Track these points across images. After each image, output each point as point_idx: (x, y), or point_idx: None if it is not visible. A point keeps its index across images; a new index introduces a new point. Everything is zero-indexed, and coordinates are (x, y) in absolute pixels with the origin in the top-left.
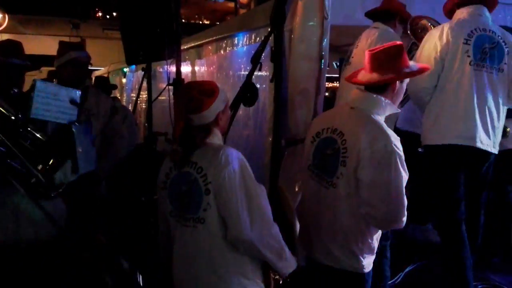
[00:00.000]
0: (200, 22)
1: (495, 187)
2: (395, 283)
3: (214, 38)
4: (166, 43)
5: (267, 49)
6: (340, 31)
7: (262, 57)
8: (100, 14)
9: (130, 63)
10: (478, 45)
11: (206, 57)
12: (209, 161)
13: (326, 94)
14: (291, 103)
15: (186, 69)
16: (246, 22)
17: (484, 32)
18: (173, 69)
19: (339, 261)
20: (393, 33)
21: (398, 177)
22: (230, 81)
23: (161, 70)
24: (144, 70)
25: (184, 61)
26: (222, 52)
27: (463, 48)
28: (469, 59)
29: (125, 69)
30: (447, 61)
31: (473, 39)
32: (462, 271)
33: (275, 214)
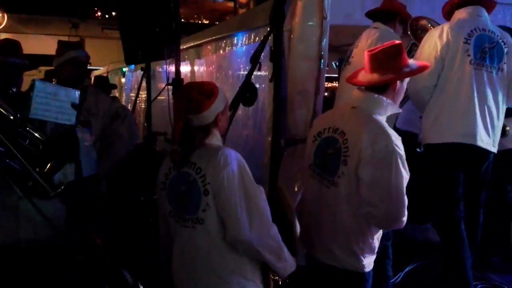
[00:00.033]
0: (200, 22)
1: (495, 186)
2: (395, 282)
3: (214, 37)
4: (165, 42)
5: (267, 49)
6: (339, 31)
7: (262, 57)
8: (99, 14)
9: (129, 62)
10: (478, 45)
11: (206, 56)
12: (208, 162)
13: (326, 94)
14: (291, 103)
15: (185, 68)
16: (245, 22)
17: (483, 32)
18: (172, 68)
19: (340, 260)
20: (393, 33)
21: (399, 176)
22: (229, 81)
23: (160, 70)
24: (143, 69)
25: (184, 60)
26: (221, 51)
27: (463, 47)
28: (469, 58)
29: (124, 69)
30: (447, 60)
31: (473, 38)
32: (462, 270)
33: (274, 214)
